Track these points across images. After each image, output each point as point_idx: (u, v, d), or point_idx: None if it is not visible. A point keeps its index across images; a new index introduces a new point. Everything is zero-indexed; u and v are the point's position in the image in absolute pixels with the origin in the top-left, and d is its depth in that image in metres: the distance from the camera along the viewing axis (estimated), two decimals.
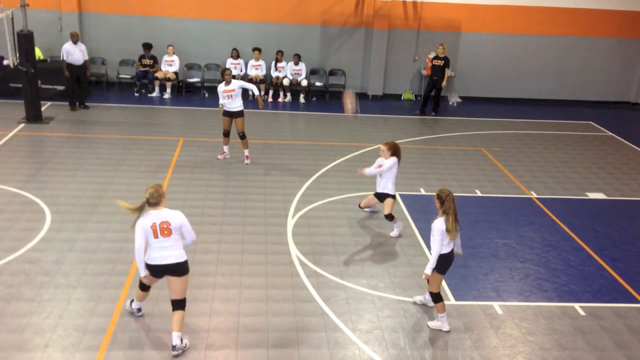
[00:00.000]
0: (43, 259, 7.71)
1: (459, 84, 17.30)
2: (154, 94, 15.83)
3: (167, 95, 15.79)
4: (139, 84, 15.92)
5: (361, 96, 17.10)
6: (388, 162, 8.78)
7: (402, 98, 17.33)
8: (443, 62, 15.44)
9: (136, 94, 15.84)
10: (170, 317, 6.22)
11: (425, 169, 11.84)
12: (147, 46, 15.75)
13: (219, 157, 11.58)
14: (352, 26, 16.69)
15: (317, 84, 16.70)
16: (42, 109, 13.42)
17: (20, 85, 13.10)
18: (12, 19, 12.51)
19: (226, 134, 11.41)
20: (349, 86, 16.93)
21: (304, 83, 16.25)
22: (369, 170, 8.98)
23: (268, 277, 7.67)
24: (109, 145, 11.97)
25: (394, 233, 9.00)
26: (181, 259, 6.12)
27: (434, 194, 6.70)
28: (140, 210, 5.98)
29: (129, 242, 8.22)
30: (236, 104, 11.11)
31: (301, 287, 7.48)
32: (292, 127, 14.34)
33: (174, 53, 15.92)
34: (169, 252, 6.05)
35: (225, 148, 11.60)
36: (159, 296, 6.96)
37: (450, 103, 17.18)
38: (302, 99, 16.34)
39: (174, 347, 6.07)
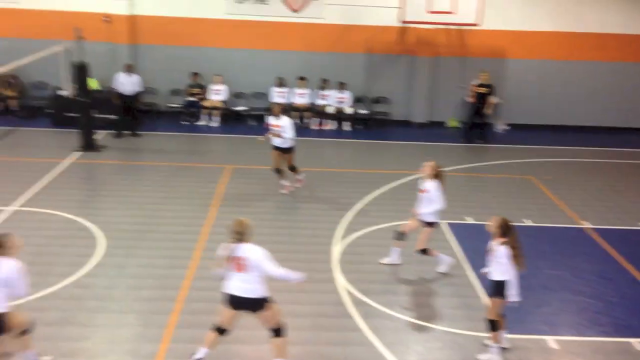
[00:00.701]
0: (96, 284, 7.91)
1: (506, 111, 17.13)
2: (202, 122, 16.18)
3: (214, 124, 16.11)
4: (187, 113, 16.30)
5: (405, 124, 17.12)
6: (428, 186, 8.34)
7: (447, 125, 17.25)
8: (487, 89, 15.35)
9: (184, 123, 16.21)
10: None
11: (471, 197, 11.72)
12: (196, 75, 16.17)
13: (284, 191, 11.31)
14: (396, 54, 16.77)
15: (362, 111, 16.79)
16: (96, 137, 13.85)
17: (76, 115, 13.59)
18: (71, 51, 13.05)
19: (277, 170, 11.19)
20: (394, 114, 16.99)
21: (348, 111, 16.35)
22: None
23: (314, 306, 7.66)
24: (159, 173, 12.25)
25: (441, 269, 8.71)
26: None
27: (488, 223, 6.54)
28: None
29: (177, 268, 8.38)
30: (284, 140, 10.88)
31: (347, 316, 7.45)
32: (336, 155, 14.42)
33: (221, 82, 16.28)
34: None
35: (283, 181, 11.37)
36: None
37: (497, 130, 17.02)
38: (346, 127, 16.43)
39: None
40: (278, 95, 16.33)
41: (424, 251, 8.42)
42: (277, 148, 10.98)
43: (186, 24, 16.27)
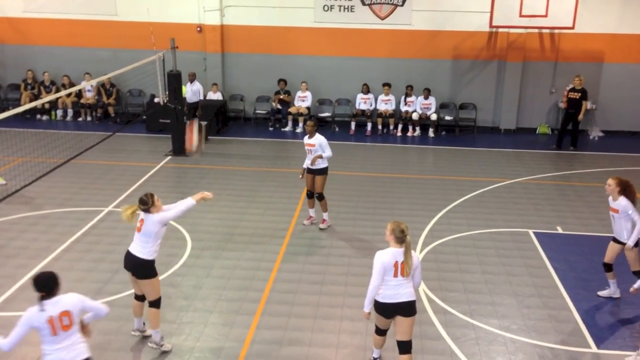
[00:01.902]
0: (184, 283, 8.22)
1: (601, 117, 16.35)
2: (287, 128, 16.47)
3: (299, 130, 16.36)
4: (274, 119, 16.65)
5: (493, 130, 16.70)
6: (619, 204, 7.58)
7: (537, 132, 16.67)
8: (580, 94, 14.72)
9: (271, 129, 16.56)
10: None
11: (562, 206, 11.26)
12: (283, 82, 16.51)
13: (305, 222, 10.22)
14: (484, 59, 16.41)
15: (447, 118, 16.53)
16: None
17: (168, 121, 14.20)
18: (163, 60, 13.68)
19: (309, 194, 10.07)
20: (480, 120, 16.62)
21: (434, 117, 16.15)
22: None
23: None
24: (245, 177, 12.57)
25: (605, 293, 8.02)
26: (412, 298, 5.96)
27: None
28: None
29: (261, 270, 8.57)
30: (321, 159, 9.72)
31: (429, 323, 7.34)
32: (420, 162, 14.27)
33: (307, 89, 16.52)
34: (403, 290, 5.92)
35: (311, 212, 10.22)
36: (291, 325, 7.12)
37: (591, 137, 16.27)
38: (431, 133, 16.23)
39: None
40: (363, 102, 16.38)
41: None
42: (310, 170, 9.83)
43: (274, 32, 16.63)
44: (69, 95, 16.45)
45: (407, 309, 5.93)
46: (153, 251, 6.62)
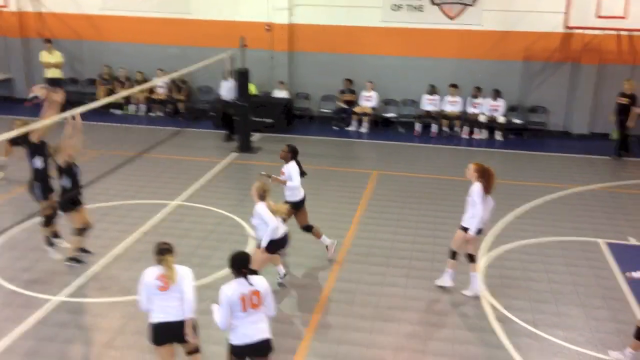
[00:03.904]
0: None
1: None
2: (351, 128, 16.47)
3: (363, 129, 16.33)
4: (338, 118, 16.68)
5: (564, 135, 16.17)
6: None
7: (611, 137, 16.02)
8: (629, 99, 14.02)
9: (335, 128, 16.60)
10: None
11: (636, 216, 10.79)
12: (348, 81, 16.53)
13: (330, 256, 8.90)
14: (557, 61, 15.89)
15: (516, 121, 16.11)
16: (253, 139, 14.63)
17: (235, 118, 14.47)
18: (233, 58, 13.95)
19: (304, 228, 8.87)
20: (551, 124, 16.14)
21: (502, 120, 15.78)
22: None
23: (455, 317, 7.50)
24: (308, 176, 12.60)
25: None
26: None
27: None
28: None
29: (321, 269, 8.61)
30: (288, 193, 8.62)
31: (490, 331, 7.20)
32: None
33: (372, 89, 16.47)
34: None
35: (325, 239, 8.92)
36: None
37: None
38: (498, 136, 15.86)
39: None
40: (429, 103, 16.19)
41: None
42: (287, 201, 8.61)
43: (342, 31, 16.66)
44: (142, 90, 17.00)
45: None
46: None
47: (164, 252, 5.62)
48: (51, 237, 8.77)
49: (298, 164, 8.73)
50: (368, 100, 16.51)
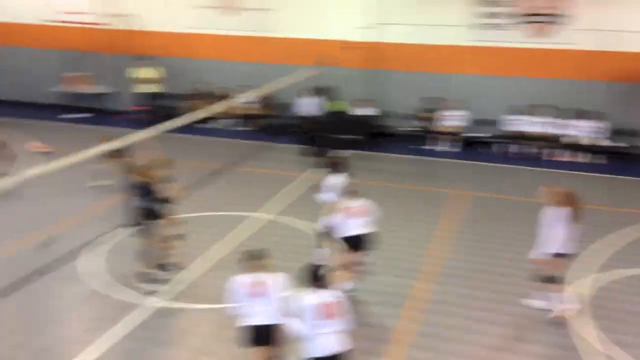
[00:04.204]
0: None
1: None
2: (433, 147, 16.38)
3: (444, 148, 16.21)
4: (418, 136, 16.63)
5: None
6: None
7: None
8: None
9: (415, 146, 16.55)
10: None
11: None
12: (428, 100, 16.49)
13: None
14: None
15: (622, 145, 15.40)
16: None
17: (318, 134, 14.72)
18: (315, 75, 14.24)
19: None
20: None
21: (596, 142, 15.21)
22: None
23: (540, 346, 7.32)
24: (389, 194, 12.67)
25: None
26: None
27: None
28: None
29: (401, 287, 8.58)
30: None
31: None
32: (591, 190, 13.51)
33: (454, 107, 16.35)
34: None
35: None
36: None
37: None
38: (587, 158, 15.33)
39: None
40: (511, 123, 15.91)
41: None
42: None
43: (425, 50, 16.66)
44: (228, 106, 17.53)
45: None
46: None
47: (257, 257, 5.96)
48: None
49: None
50: (449, 119, 16.40)
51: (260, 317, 5.82)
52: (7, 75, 19.85)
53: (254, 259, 5.95)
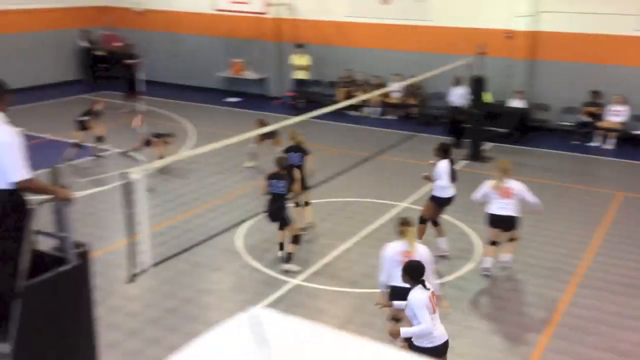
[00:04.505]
0: (470, 288, 8.30)
1: None
2: (594, 144, 15.30)
3: (608, 146, 15.07)
4: (580, 132, 15.62)
5: None
6: None
7: None
8: None
9: (575, 142, 15.57)
10: None
11: None
12: (595, 94, 15.38)
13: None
14: None
15: None
16: (484, 149, 14.38)
17: (468, 126, 14.35)
18: (470, 65, 13.85)
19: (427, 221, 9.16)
20: None
21: None
22: None
23: None
24: (542, 191, 12.01)
25: None
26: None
27: None
28: None
29: (551, 289, 8.19)
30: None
31: None
32: None
33: (622, 102, 15.12)
34: None
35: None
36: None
37: None
38: None
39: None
40: None
41: None
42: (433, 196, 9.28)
43: (590, 40, 15.56)
44: (378, 94, 17.65)
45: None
46: None
47: (406, 223, 6.36)
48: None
49: (451, 163, 9.03)
50: (616, 114, 15.19)
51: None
52: (177, 60, 21.54)
53: (404, 224, 6.35)
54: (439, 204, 9.05)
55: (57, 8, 20.97)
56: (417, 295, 5.41)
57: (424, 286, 5.46)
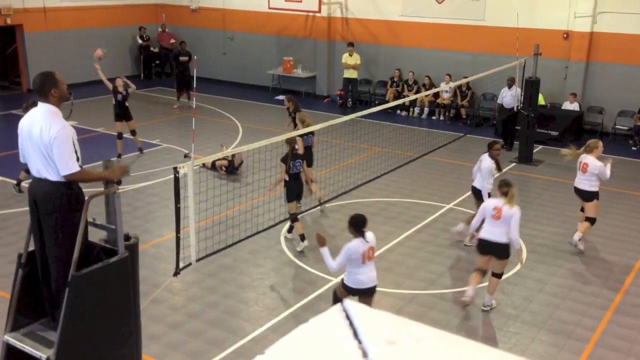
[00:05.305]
0: (514, 292, 8.18)
1: None
2: None
3: None
4: (637, 138, 15.12)
5: None
6: None
7: None
8: None
9: (633, 148, 15.09)
10: None
11: None
12: None
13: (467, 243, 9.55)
14: None
15: None
16: (535, 151, 14.10)
17: (518, 128, 14.09)
18: (524, 66, 13.59)
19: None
20: None
21: None
22: None
23: None
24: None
25: None
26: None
27: None
28: None
29: (600, 297, 8.00)
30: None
31: None
32: None
33: None
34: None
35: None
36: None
37: None
38: None
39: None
40: None
41: None
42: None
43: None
44: (427, 94, 17.52)
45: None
46: None
47: (509, 185, 7.39)
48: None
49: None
50: None
51: (491, 234, 7.36)
52: (229, 58, 21.86)
53: (507, 185, 7.38)
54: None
55: (116, 5, 21.62)
56: (354, 245, 6.30)
57: (364, 238, 6.30)
